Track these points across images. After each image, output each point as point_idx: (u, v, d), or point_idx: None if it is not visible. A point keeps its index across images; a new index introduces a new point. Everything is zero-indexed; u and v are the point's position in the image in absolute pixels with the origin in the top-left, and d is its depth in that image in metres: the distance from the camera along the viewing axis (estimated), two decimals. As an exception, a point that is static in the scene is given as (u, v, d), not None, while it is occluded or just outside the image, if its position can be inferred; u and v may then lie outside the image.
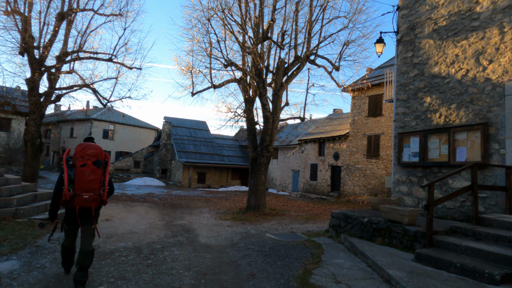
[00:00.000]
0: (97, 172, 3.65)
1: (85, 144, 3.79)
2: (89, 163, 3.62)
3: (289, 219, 11.90)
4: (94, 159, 3.67)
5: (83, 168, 3.58)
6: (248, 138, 13.86)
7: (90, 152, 3.69)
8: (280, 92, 13.24)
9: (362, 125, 19.74)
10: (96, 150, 3.74)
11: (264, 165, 13.06)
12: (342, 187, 20.60)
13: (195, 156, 28.22)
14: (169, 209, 13.62)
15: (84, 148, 3.71)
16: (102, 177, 3.74)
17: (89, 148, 3.72)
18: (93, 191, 3.60)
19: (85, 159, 3.63)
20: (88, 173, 3.57)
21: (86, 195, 3.54)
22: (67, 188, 3.49)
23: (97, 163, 3.68)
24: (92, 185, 3.59)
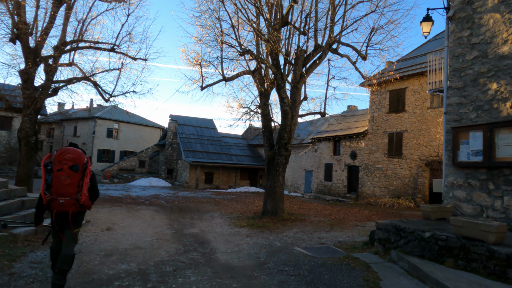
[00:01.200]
0: (73, 176, 3.60)
1: (64, 148, 3.74)
2: (65, 167, 3.57)
3: (312, 225, 10.63)
4: (71, 163, 3.61)
5: (59, 173, 3.53)
6: (263, 135, 12.60)
7: (67, 156, 3.63)
8: (299, 85, 11.97)
9: (382, 122, 18.39)
10: (74, 154, 3.67)
11: (282, 165, 11.80)
12: (360, 188, 19.27)
13: (202, 155, 27.03)
14: (177, 214, 12.42)
15: (62, 152, 3.67)
16: (81, 181, 3.65)
17: (67, 153, 3.67)
18: (69, 196, 3.55)
19: (62, 164, 3.58)
20: (63, 177, 3.53)
21: (62, 200, 3.52)
22: (43, 192, 3.54)
23: (73, 168, 3.61)
24: (67, 189, 3.54)
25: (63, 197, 3.53)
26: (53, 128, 38.60)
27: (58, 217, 3.60)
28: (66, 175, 3.55)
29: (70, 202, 3.55)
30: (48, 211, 3.63)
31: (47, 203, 3.54)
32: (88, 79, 12.13)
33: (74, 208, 3.60)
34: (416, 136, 16.55)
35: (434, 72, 8.67)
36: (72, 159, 3.64)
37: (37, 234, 5.88)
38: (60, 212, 3.57)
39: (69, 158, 3.63)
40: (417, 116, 16.62)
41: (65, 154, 3.65)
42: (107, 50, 12.01)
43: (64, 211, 3.56)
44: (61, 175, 3.54)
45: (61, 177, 3.53)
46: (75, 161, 3.64)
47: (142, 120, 38.13)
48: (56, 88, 11.03)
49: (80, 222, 3.85)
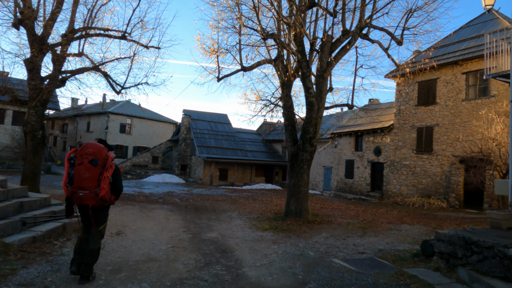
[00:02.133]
0: (92, 170, 3.65)
1: (87, 143, 3.81)
2: (85, 161, 3.64)
3: (341, 229, 9.61)
4: (91, 157, 3.67)
5: (80, 167, 3.62)
6: (285, 130, 11.59)
7: (88, 151, 3.70)
8: (326, 74, 10.90)
9: (410, 115, 17.12)
10: (94, 149, 3.73)
11: (307, 162, 10.78)
12: (385, 187, 18.08)
13: (217, 151, 26.19)
14: (193, 214, 11.56)
15: (84, 147, 3.75)
16: (100, 175, 3.70)
17: (88, 147, 3.74)
18: (88, 189, 3.63)
19: (83, 158, 3.67)
20: (83, 171, 3.60)
21: (81, 193, 3.60)
22: (64, 185, 3.73)
23: (93, 162, 3.66)
24: (86, 183, 3.61)
25: (83, 190, 3.62)
26: (67, 123, 38.41)
27: (80, 210, 3.82)
28: (85, 169, 3.62)
29: (89, 195, 3.62)
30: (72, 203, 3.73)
31: (70, 196, 3.67)
32: (98, 69, 11.32)
33: (94, 202, 3.68)
34: (448, 131, 15.26)
35: (492, 55, 7.46)
36: (92, 154, 3.69)
37: (35, 243, 5.04)
38: (81, 205, 3.72)
39: (90, 153, 3.69)
40: (450, 109, 15.31)
41: (86, 149, 3.73)
42: (118, 37, 11.16)
43: (84, 204, 3.68)
44: (80, 169, 3.63)
45: (81, 170, 3.62)
46: (95, 155, 3.70)
47: (155, 115, 37.56)
48: (64, 78, 10.25)
49: (105, 218, 4.04)
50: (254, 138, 31.59)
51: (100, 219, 3.92)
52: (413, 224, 10.95)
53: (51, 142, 40.47)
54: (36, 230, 5.36)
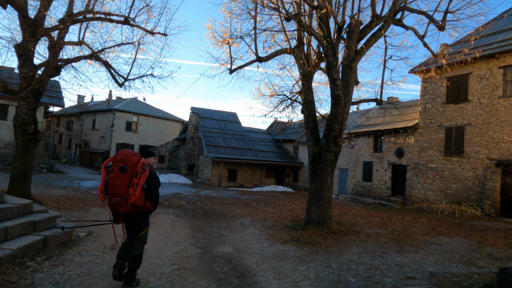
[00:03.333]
0: (122, 177, 3.66)
1: (121, 151, 3.83)
2: (115, 168, 3.67)
3: (372, 241, 8.31)
4: (120, 164, 3.69)
5: (111, 174, 3.68)
6: (306, 127, 10.33)
7: (119, 158, 3.73)
8: (353, 64, 9.63)
9: (438, 114, 15.71)
10: (125, 156, 3.74)
11: (331, 164, 9.51)
12: (408, 191, 16.68)
13: (226, 151, 25.00)
14: (202, 220, 10.37)
15: (117, 155, 3.79)
16: (129, 182, 3.67)
17: (120, 154, 3.77)
18: (119, 196, 3.65)
19: (114, 165, 3.70)
20: (113, 178, 3.64)
21: (114, 200, 3.65)
22: (100, 192, 3.75)
23: (121, 169, 3.68)
24: (116, 190, 3.64)
25: (114, 197, 3.65)
26: (72, 120, 37.61)
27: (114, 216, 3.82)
28: (115, 176, 3.65)
29: (120, 202, 3.64)
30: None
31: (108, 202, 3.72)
32: (98, 57, 10.19)
33: (127, 209, 3.69)
34: (482, 131, 13.83)
35: None
36: (122, 160, 3.70)
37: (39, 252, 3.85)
38: (114, 211, 3.77)
39: (120, 160, 3.71)
40: (484, 107, 13.88)
41: (118, 156, 3.75)
42: (120, 22, 10.01)
43: (117, 211, 3.72)
44: (111, 176, 3.66)
45: (112, 178, 3.66)
46: (124, 162, 3.70)
47: (162, 113, 36.54)
48: (58, 66, 9.11)
49: (144, 225, 4.03)
50: (264, 138, 30.34)
51: (139, 225, 3.95)
52: (451, 236, 9.60)
53: (56, 139, 39.71)
54: (4, 247, 4.18)
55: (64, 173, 25.24)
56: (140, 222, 3.94)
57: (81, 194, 14.02)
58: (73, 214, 8.82)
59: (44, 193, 13.04)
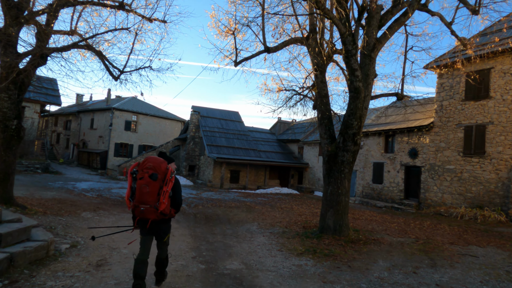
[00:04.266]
0: (152, 185, 3.64)
1: (147, 157, 3.81)
2: (145, 176, 3.64)
3: (398, 253, 7.32)
4: (151, 172, 3.66)
5: (141, 181, 3.64)
6: (320, 124, 9.34)
7: (148, 165, 3.70)
8: (373, 53, 8.65)
9: (456, 111, 14.71)
10: (155, 163, 3.73)
11: (349, 165, 8.52)
12: (423, 194, 15.67)
13: (228, 151, 24.01)
14: (204, 226, 9.39)
15: (145, 161, 3.76)
16: (160, 190, 3.67)
17: (149, 161, 3.74)
18: (149, 204, 3.62)
19: (143, 172, 3.67)
20: (143, 185, 3.61)
21: (143, 207, 3.62)
22: (127, 199, 3.73)
23: (152, 176, 3.65)
24: (147, 197, 3.62)
25: (144, 204, 3.62)
26: (70, 120, 36.67)
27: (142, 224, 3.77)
28: (146, 183, 3.61)
29: (150, 210, 3.62)
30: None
31: (132, 210, 3.71)
32: (90, 47, 9.23)
33: (155, 216, 3.68)
34: (506, 130, 12.83)
35: None
36: (152, 168, 3.68)
37: None
38: (142, 219, 3.71)
39: (150, 167, 3.68)
40: (508, 104, 12.89)
41: (147, 163, 3.72)
42: (114, 7, 9.05)
43: (145, 218, 3.68)
44: (141, 183, 3.62)
45: (142, 185, 3.61)
46: (154, 169, 3.68)
47: (162, 112, 35.58)
48: (44, 54, 8.13)
49: (168, 230, 4.03)
50: (268, 138, 29.35)
51: (163, 232, 3.96)
52: (482, 245, 8.59)
53: (54, 139, 38.78)
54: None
55: (60, 173, 24.28)
56: (165, 228, 3.95)
57: (74, 197, 13.05)
58: (59, 221, 7.84)
59: (33, 196, 12.08)
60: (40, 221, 7.38)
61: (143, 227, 3.78)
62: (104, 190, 16.21)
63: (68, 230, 6.93)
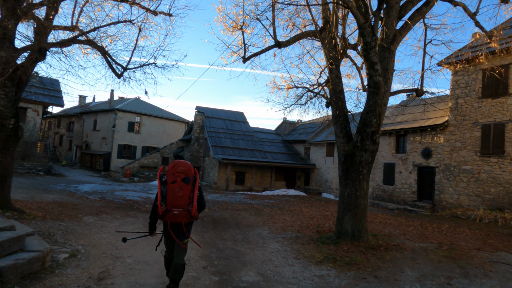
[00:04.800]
0: (185, 188, 3.70)
1: (176, 161, 3.84)
2: (178, 180, 3.69)
3: (423, 260, 6.75)
4: (183, 176, 3.72)
5: (173, 185, 3.67)
6: (335, 122, 8.79)
7: (179, 169, 3.73)
8: (393, 46, 8.14)
9: (472, 110, 14.11)
10: (185, 167, 3.78)
11: (367, 165, 7.98)
12: (438, 196, 15.06)
13: (233, 152, 23.49)
14: (212, 231, 8.85)
15: (175, 165, 3.77)
16: (191, 193, 3.76)
17: (179, 166, 3.76)
18: (182, 207, 3.67)
19: (175, 176, 3.71)
20: (177, 189, 3.65)
21: (176, 211, 3.64)
22: (159, 203, 3.68)
23: (185, 180, 3.72)
24: (180, 201, 3.66)
25: (177, 208, 3.64)
26: (73, 121, 36.32)
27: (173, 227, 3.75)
28: (179, 187, 3.65)
29: (183, 213, 3.66)
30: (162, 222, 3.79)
31: (162, 214, 3.67)
32: (92, 42, 8.75)
33: (186, 220, 3.73)
34: (527, 128, 12.23)
35: None
36: (184, 172, 3.72)
37: None
38: (174, 222, 3.72)
39: (181, 171, 3.72)
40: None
41: (178, 167, 3.74)
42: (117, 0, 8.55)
43: (177, 222, 3.71)
44: (175, 187, 3.65)
45: (175, 189, 3.64)
46: (186, 173, 3.73)
47: (165, 113, 35.15)
48: (43, 49, 7.65)
49: (189, 233, 3.96)
50: (273, 139, 28.80)
51: (184, 234, 3.86)
52: (511, 251, 8.01)
53: (57, 141, 38.44)
54: None
55: (62, 175, 23.86)
56: (188, 230, 3.92)
57: (76, 200, 12.57)
58: (59, 226, 7.33)
59: (34, 199, 11.61)
60: (38, 227, 6.88)
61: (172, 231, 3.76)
62: (107, 193, 15.73)
63: (68, 237, 6.42)
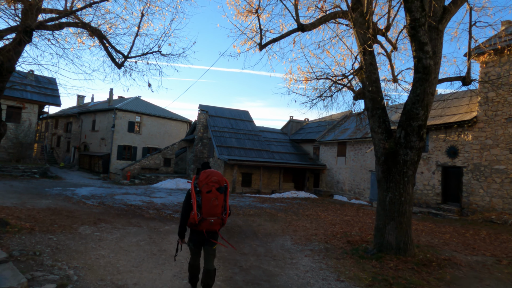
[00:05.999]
0: (220, 197, 3.77)
1: (209, 171, 3.88)
2: (213, 189, 3.74)
3: (492, 281, 5.56)
4: (217, 185, 3.78)
5: (209, 195, 3.71)
6: (371, 116, 7.58)
7: (214, 179, 3.80)
8: (441, 25, 6.97)
9: (505, 104, 12.92)
10: (219, 177, 3.85)
11: (413, 166, 6.79)
12: (466, 198, 13.86)
13: (239, 152, 22.28)
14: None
15: (209, 175, 3.81)
16: (224, 202, 3.84)
17: (213, 175, 3.82)
18: (217, 216, 3.74)
19: (210, 186, 3.74)
20: (213, 199, 3.71)
21: (212, 219, 3.71)
22: (196, 213, 3.68)
23: (220, 189, 3.79)
24: (216, 210, 3.73)
25: (213, 217, 3.73)
26: (71, 122, 35.08)
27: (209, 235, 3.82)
28: (215, 197, 3.73)
29: (218, 221, 3.78)
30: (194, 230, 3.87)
31: (198, 222, 3.71)
32: (88, 25, 7.55)
33: (220, 227, 3.86)
34: None
35: None
36: (218, 182, 3.80)
37: None
38: (209, 230, 3.80)
39: (215, 180, 3.79)
40: None
41: (212, 177, 3.80)
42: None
43: (213, 230, 3.82)
44: (211, 197, 3.71)
45: (211, 198, 3.71)
46: (220, 183, 3.82)
47: (167, 112, 33.93)
48: (28, 28, 6.43)
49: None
50: (280, 138, 27.59)
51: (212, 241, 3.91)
52: None
53: (55, 142, 37.19)
54: None
55: (59, 178, 22.60)
56: (216, 237, 3.91)
57: (72, 206, 11.35)
58: (49, 241, 6.11)
59: (25, 205, 10.39)
60: (21, 243, 5.66)
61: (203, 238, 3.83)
62: (106, 197, 14.50)
63: (58, 257, 5.20)
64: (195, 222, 3.68)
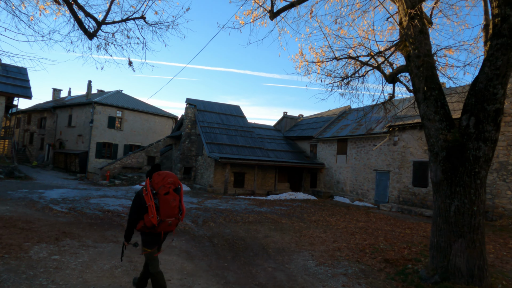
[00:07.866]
0: (177, 198, 3.75)
1: (163, 173, 3.82)
2: (170, 190, 3.71)
3: None
4: (173, 186, 3.77)
5: (167, 196, 3.66)
6: (424, 99, 5.80)
7: (170, 180, 3.76)
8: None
9: (537, 95, 11.48)
10: (174, 178, 3.83)
11: (486, 164, 5.12)
12: (491, 201, 12.41)
13: (231, 150, 20.35)
14: (235, 266, 5.77)
15: (165, 177, 3.77)
16: (179, 202, 3.81)
17: (169, 177, 3.79)
18: (174, 216, 3.73)
19: (167, 187, 3.70)
20: (172, 200, 3.68)
21: (170, 220, 3.70)
22: (156, 215, 3.59)
23: (176, 190, 3.79)
24: (174, 211, 3.71)
25: (171, 218, 3.69)
26: (45, 117, 32.26)
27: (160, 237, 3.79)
28: (173, 198, 3.68)
29: (175, 222, 3.75)
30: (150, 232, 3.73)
31: (158, 225, 3.62)
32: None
33: (175, 227, 3.82)
34: None
35: None
36: (173, 183, 3.76)
37: None
38: (166, 232, 3.80)
39: (172, 182, 3.75)
40: None
41: (168, 178, 3.75)
42: None
43: (169, 231, 3.82)
44: (169, 198, 3.65)
45: (170, 199, 3.65)
46: (175, 184, 3.79)
47: (151, 107, 31.60)
48: None
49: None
50: (274, 135, 25.80)
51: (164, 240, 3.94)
52: None
53: (27, 139, 34.25)
54: None
55: (29, 178, 20.08)
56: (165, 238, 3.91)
57: (34, 213, 9.20)
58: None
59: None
60: None
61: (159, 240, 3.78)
62: (80, 201, 12.34)
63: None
64: (152, 225, 3.60)
